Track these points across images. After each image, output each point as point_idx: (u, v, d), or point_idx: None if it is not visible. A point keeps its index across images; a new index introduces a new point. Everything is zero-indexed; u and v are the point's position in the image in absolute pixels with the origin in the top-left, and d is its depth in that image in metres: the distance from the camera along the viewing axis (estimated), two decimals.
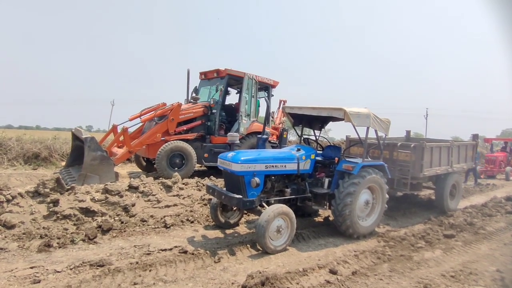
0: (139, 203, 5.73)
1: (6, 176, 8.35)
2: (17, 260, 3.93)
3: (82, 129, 8.69)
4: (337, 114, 5.20)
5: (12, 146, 10.51)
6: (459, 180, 7.85)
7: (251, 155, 5.01)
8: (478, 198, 9.42)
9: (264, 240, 4.41)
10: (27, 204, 5.02)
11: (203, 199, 6.24)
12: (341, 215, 5.15)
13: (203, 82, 10.67)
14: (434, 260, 4.63)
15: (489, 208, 7.65)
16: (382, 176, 5.62)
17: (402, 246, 5.11)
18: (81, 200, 5.28)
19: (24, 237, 4.48)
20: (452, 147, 7.43)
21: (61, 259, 3.99)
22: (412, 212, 7.36)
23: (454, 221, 6.46)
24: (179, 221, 5.50)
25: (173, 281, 3.61)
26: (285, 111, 6.14)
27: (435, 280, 3.97)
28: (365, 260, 4.52)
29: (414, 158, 6.65)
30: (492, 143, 17.62)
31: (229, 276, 3.82)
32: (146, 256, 4.20)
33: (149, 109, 9.07)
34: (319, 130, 6.60)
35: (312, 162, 5.56)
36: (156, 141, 8.48)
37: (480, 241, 5.55)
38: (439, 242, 5.40)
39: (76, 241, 4.52)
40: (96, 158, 7.18)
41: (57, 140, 11.87)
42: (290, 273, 3.85)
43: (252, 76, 9.61)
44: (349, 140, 8.03)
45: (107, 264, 3.85)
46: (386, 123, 5.76)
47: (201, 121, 9.40)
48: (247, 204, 4.71)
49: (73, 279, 3.52)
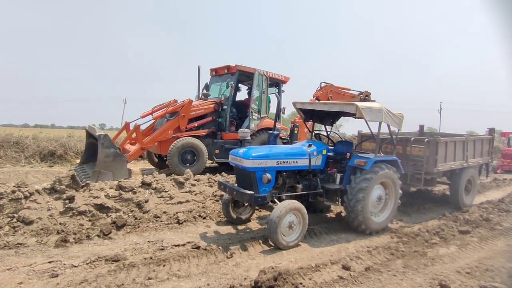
0: (152, 200, 5.81)
1: (24, 173, 8.56)
2: (36, 255, 4.04)
3: (95, 127, 8.83)
4: (349, 109, 5.15)
5: (29, 144, 10.76)
6: (474, 175, 7.69)
7: (262, 151, 5.02)
8: (494, 194, 9.21)
9: (276, 236, 4.41)
10: (44, 201, 5.14)
11: (215, 195, 6.28)
12: (353, 211, 5.12)
13: (213, 78, 10.70)
14: (449, 256, 4.56)
15: (506, 204, 7.47)
16: (395, 172, 5.54)
17: (416, 242, 5.04)
18: (96, 197, 5.38)
19: (42, 232, 4.60)
20: (468, 142, 7.27)
21: (78, 254, 4.09)
22: (426, 208, 7.25)
23: (470, 217, 6.33)
24: (191, 217, 5.55)
25: (187, 276, 3.66)
26: (296, 107, 6.11)
27: (450, 276, 3.91)
28: (378, 256, 4.48)
29: (428, 153, 6.53)
30: (509, 137, 17.14)
31: (241, 271, 3.84)
32: (160, 252, 4.26)
33: (160, 106, 9.16)
34: (330, 125, 6.55)
35: (324, 157, 5.53)
36: (168, 138, 8.57)
37: (496, 237, 5.44)
38: (454, 238, 5.31)
39: (91, 236, 4.62)
40: (109, 155, 7.30)
41: (71, 138, 12.11)
42: (302, 269, 3.85)
43: (262, 72, 9.58)
44: (361, 135, 7.94)
45: (122, 259, 3.93)
46: (399, 118, 5.68)
47: (212, 118, 9.44)
48: (258, 200, 4.72)
49: (89, 274, 3.60)
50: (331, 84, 10.42)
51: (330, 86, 10.37)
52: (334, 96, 10.33)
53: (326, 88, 10.31)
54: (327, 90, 10.29)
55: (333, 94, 10.32)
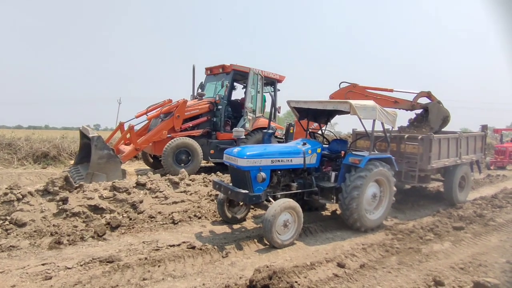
0: (147, 200, 5.78)
1: (16, 175, 8.48)
2: (29, 257, 4.00)
3: (89, 128, 8.77)
4: (343, 107, 5.16)
5: (22, 145, 10.66)
6: (468, 172, 7.75)
7: (256, 150, 5.01)
8: (488, 190, 9.30)
9: (271, 235, 4.41)
10: (37, 203, 5.09)
11: (210, 195, 6.27)
12: (348, 209, 5.13)
13: (209, 78, 10.67)
14: (443, 253, 4.59)
15: (499, 200, 7.54)
16: (389, 169, 5.57)
17: (410, 238, 5.07)
18: (90, 198, 5.34)
19: (35, 234, 4.55)
20: (461, 139, 7.33)
21: (72, 255, 4.05)
22: (420, 205, 7.30)
23: (463, 213, 6.39)
24: (186, 217, 5.53)
25: (182, 276, 3.64)
26: (290, 106, 6.11)
27: (444, 272, 3.94)
28: (373, 253, 4.50)
29: (422, 150, 6.58)
30: (502, 134, 17.35)
31: (236, 270, 3.84)
32: (155, 252, 4.24)
33: (155, 106, 9.12)
34: (325, 123, 6.56)
35: (318, 156, 5.54)
36: (162, 138, 8.53)
37: (490, 233, 5.49)
38: (448, 234, 5.35)
39: (85, 238, 4.58)
40: (103, 156, 7.25)
41: (65, 139, 12.02)
42: (297, 267, 3.85)
43: (257, 71, 9.56)
44: (355, 133, 7.96)
45: (117, 260, 3.90)
46: (393, 116, 5.70)
47: (207, 118, 9.41)
48: (253, 199, 4.72)
49: (83, 275, 3.57)
50: (354, 85, 8.30)
51: (353, 86, 8.30)
52: (356, 98, 7.74)
53: (344, 89, 8.34)
54: (344, 91, 8.27)
55: (354, 95, 8.05)
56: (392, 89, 8.33)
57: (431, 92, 8.26)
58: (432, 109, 8.10)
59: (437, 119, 8.09)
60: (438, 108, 8.14)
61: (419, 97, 8.23)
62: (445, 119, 8.26)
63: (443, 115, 8.19)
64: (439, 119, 8.13)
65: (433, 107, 8.12)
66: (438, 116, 8.10)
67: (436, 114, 8.06)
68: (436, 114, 8.07)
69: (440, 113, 8.13)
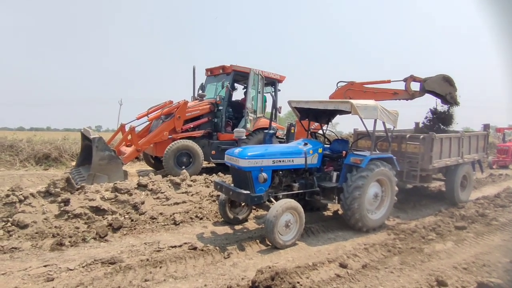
0: (148, 201, 5.78)
1: (18, 177, 8.50)
2: (31, 259, 4.00)
3: (90, 129, 8.79)
4: (344, 107, 5.15)
5: (23, 147, 10.68)
6: (470, 171, 7.72)
7: (258, 151, 5.01)
8: (490, 189, 9.26)
9: (273, 235, 4.41)
10: (39, 204, 5.09)
11: (212, 196, 6.26)
12: (350, 209, 5.12)
13: (209, 78, 10.67)
14: (446, 252, 4.58)
15: (502, 199, 7.51)
16: (391, 169, 5.56)
17: (412, 238, 5.06)
18: (91, 199, 5.34)
19: (37, 236, 4.56)
20: (463, 138, 7.31)
21: (73, 257, 4.06)
22: (422, 205, 7.27)
23: (466, 213, 6.36)
24: (188, 218, 5.53)
25: (183, 277, 3.64)
26: (291, 106, 6.10)
27: (447, 272, 3.92)
28: (375, 253, 4.49)
29: (423, 150, 6.56)
30: (504, 133, 17.29)
31: (239, 271, 3.83)
32: (157, 253, 4.24)
33: (156, 108, 9.12)
34: (326, 123, 6.55)
35: (320, 156, 5.53)
36: (163, 139, 8.53)
37: (492, 232, 5.46)
38: (451, 234, 5.33)
39: (87, 239, 4.58)
40: (104, 158, 7.25)
41: (66, 140, 12.04)
42: (300, 268, 3.85)
43: (258, 71, 9.56)
44: (356, 133, 7.94)
45: (118, 262, 3.90)
46: (394, 115, 5.69)
47: (207, 118, 9.41)
48: (255, 199, 4.71)
49: (85, 277, 3.57)
50: (352, 82, 8.61)
51: (350, 84, 8.61)
52: (356, 95, 8.34)
53: (342, 89, 8.72)
54: (343, 90, 8.69)
55: (353, 93, 8.42)
56: (390, 80, 8.32)
57: (413, 75, 8.15)
58: (430, 84, 7.99)
59: (441, 87, 7.92)
60: (431, 81, 7.99)
61: (409, 83, 8.16)
62: (445, 79, 8.04)
63: (440, 79, 7.97)
64: (443, 85, 7.98)
65: (428, 84, 8.01)
66: (439, 84, 7.97)
67: (437, 84, 7.94)
68: (437, 84, 7.97)
69: (436, 81, 7.99)
